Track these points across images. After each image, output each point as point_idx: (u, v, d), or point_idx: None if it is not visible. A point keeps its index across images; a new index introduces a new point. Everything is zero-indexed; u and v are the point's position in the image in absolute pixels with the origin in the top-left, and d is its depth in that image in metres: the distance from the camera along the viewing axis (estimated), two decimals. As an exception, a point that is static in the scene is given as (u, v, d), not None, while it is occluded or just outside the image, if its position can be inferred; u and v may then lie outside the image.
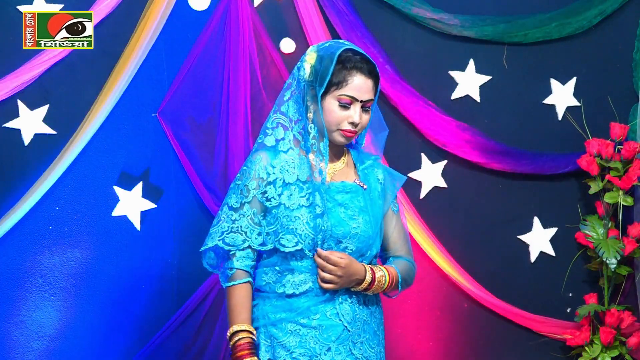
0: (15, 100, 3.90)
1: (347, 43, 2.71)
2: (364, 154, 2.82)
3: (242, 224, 2.69)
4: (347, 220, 2.67)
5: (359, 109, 2.66)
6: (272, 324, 2.67)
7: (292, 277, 2.68)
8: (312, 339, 2.65)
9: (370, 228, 2.70)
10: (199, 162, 4.00)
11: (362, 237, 2.68)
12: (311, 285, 2.66)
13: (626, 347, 4.11)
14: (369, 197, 2.73)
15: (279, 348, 2.66)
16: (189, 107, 4.00)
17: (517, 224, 4.24)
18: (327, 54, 2.66)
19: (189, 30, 4.02)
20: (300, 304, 2.66)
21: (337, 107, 2.66)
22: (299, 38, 4.07)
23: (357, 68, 2.65)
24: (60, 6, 3.91)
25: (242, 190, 2.70)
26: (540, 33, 4.18)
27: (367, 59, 2.68)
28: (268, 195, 2.68)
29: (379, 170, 2.79)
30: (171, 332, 3.99)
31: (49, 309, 3.96)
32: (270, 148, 2.73)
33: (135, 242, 4.01)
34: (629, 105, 4.24)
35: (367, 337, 2.69)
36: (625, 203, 4.12)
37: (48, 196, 3.91)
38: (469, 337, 4.19)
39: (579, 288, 4.24)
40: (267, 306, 2.70)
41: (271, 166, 2.69)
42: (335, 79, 2.65)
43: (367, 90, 2.66)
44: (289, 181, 2.67)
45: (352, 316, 2.66)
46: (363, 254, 2.70)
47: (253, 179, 2.70)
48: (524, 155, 4.18)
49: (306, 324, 2.65)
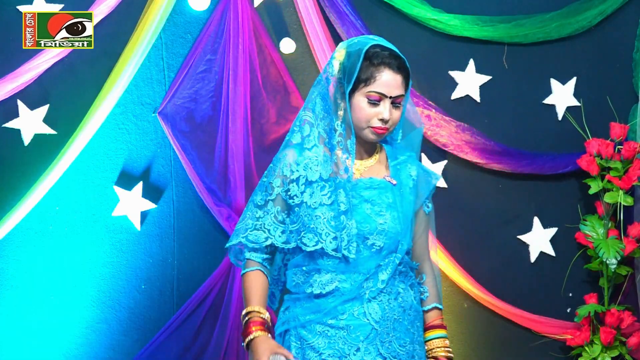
0: (15, 100, 3.91)
1: (376, 38, 2.68)
2: (399, 149, 2.78)
3: (266, 222, 2.68)
4: (374, 217, 2.64)
5: (388, 105, 2.62)
6: (302, 325, 2.67)
7: (319, 276, 2.66)
8: (340, 339, 2.63)
9: (398, 224, 2.66)
10: (199, 162, 4.00)
11: (389, 233, 2.65)
12: (337, 285, 2.64)
13: (626, 347, 4.11)
14: (399, 193, 2.70)
15: (308, 350, 2.65)
16: (189, 107, 4.00)
17: (517, 224, 4.23)
18: (354, 50, 2.64)
19: (189, 30, 4.02)
20: (327, 304, 2.64)
21: (367, 104, 2.63)
22: (299, 38, 4.07)
23: (385, 64, 2.62)
24: (60, 6, 3.91)
25: (267, 187, 2.70)
26: (541, 33, 4.18)
27: (396, 54, 2.64)
28: (291, 193, 2.67)
29: (413, 166, 2.75)
30: (171, 332, 3.99)
31: (49, 309, 3.96)
32: (297, 145, 2.70)
33: (135, 242, 4.01)
34: (629, 105, 4.24)
35: (396, 336, 2.65)
36: (625, 203, 4.11)
37: (48, 196, 3.91)
38: (469, 337, 4.19)
39: (579, 288, 4.23)
40: (297, 308, 2.69)
41: (296, 164, 2.67)
42: (363, 75, 2.62)
43: (397, 85, 2.62)
44: (311, 179, 2.65)
45: (380, 315, 2.63)
46: (393, 250, 2.67)
47: (278, 177, 2.68)
48: (524, 155, 4.18)
49: (334, 325, 2.63)
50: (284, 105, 4.06)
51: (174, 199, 4.03)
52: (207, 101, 4.01)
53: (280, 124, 4.06)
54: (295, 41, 4.07)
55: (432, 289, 2.78)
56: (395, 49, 2.66)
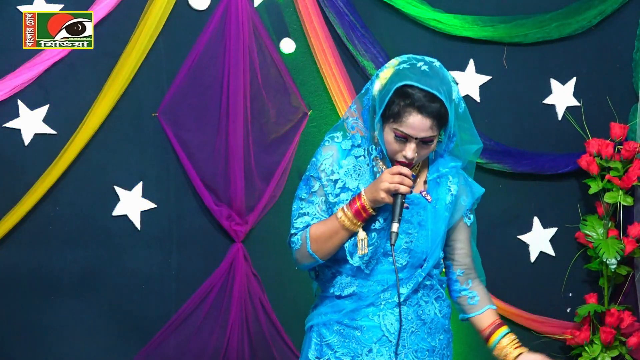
0: (15, 100, 3.90)
1: (422, 69, 2.51)
2: (445, 160, 2.68)
3: (310, 211, 2.65)
4: (401, 234, 2.59)
5: (414, 145, 2.52)
6: (323, 323, 2.67)
7: (341, 278, 2.66)
8: (354, 339, 2.63)
9: (425, 243, 2.62)
10: (199, 162, 4.00)
11: (414, 252, 2.62)
12: (355, 290, 2.64)
13: (626, 347, 4.12)
14: (433, 209, 2.64)
15: (325, 347, 2.66)
16: (189, 107, 4.00)
17: (517, 224, 4.24)
18: (389, 82, 2.52)
19: (189, 30, 4.02)
20: (346, 306, 2.64)
21: (393, 139, 2.53)
22: (299, 38, 4.07)
23: (415, 106, 2.48)
24: (60, 6, 3.91)
25: (309, 180, 2.66)
26: (541, 33, 4.18)
27: (432, 96, 2.49)
28: (327, 190, 2.64)
29: (455, 179, 2.66)
30: (171, 332, 3.99)
31: (49, 309, 3.96)
32: (342, 146, 2.65)
33: (135, 242, 4.01)
34: (629, 105, 4.24)
35: (413, 348, 2.63)
36: (625, 203, 4.12)
37: (48, 196, 3.91)
38: (469, 337, 4.19)
39: (579, 288, 4.24)
40: (323, 306, 2.69)
41: (338, 165, 2.63)
42: (392, 111, 2.51)
43: (424, 129, 2.49)
44: (349, 186, 2.62)
45: (396, 327, 2.61)
46: (418, 266, 2.64)
47: (319, 171, 2.64)
48: (524, 155, 4.18)
49: (349, 324, 2.63)
50: (284, 105, 4.06)
51: (174, 199, 4.03)
52: (207, 101, 4.01)
53: (280, 124, 4.06)
54: (295, 41, 4.07)
55: (482, 291, 2.74)
56: (433, 89, 2.49)
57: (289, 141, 4.06)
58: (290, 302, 4.06)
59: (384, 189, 2.50)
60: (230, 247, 4.03)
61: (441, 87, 2.52)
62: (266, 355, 4.04)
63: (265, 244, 4.06)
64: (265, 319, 4.03)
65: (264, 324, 4.03)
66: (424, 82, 2.50)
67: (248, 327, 4.02)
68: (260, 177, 4.05)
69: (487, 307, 2.74)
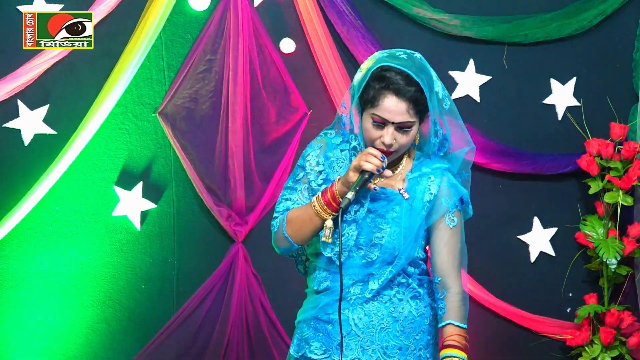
0: (15, 100, 3.91)
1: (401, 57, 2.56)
2: (430, 161, 2.69)
3: (293, 197, 2.67)
4: (373, 229, 2.61)
5: (391, 130, 2.53)
6: (304, 320, 2.69)
7: (318, 273, 2.68)
8: (325, 332, 2.64)
9: (397, 239, 2.61)
10: (199, 162, 4.00)
11: (384, 247, 2.61)
12: (328, 284, 2.65)
13: (626, 347, 4.11)
14: (409, 206, 2.63)
15: (302, 342, 2.68)
16: (189, 107, 4.00)
17: (517, 224, 4.23)
18: (367, 67, 2.56)
19: (189, 30, 4.02)
20: (321, 300, 2.66)
21: (371, 125, 2.55)
22: (299, 38, 4.07)
23: (390, 89, 2.51)
24: (60, 6, 3.91)
25: (295, 169, 2.69)
26: (541, 33, 4.18)
27: (409, 79, 2.51)
28: (310, 178, 2.66)
29: (437, 179, 2.65)
30: (171, 332, 3.99)
31: (49, 309, 3.96)
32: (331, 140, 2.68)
33: (135, 242, 4.01)
34: (629, 105, 4.24)
35: (382, 345, 2.63)
36: (625, 203, 4.12)
37: (48, 196, 3.91)
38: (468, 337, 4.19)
39: (579, 288, 4.23)
40: (306, 303, 2.72)
41: (324, 157, 2.66)
42: (369, 96, 2.54)
43: (400, 112, 2.52)
44: (331, 178, 2.64)
45: (365, 322, 2.62)
46: (389, 262, 2.63)
47: (305, 160, 2.67)
48: (524, 155, 4.18)
49: (322, 318, 2.65)
50: (284, 105, 4.06)
51: (174, 199, 4.03)
52: (207, 101, 4.01)
53: (280, 124, 4.06)
54: (295, 41, 4.07)
55: (451, 304, 2.68)
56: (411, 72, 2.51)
57: (289, 141, 4.06)
58: (290, 302, 4.04)
59: (351, 167, 2.52)
60: (230, 247, 4.03)
61: (419, 73, 2.53)
62: (266, 355, 4.04)
63: (265, 244, 4.05)
64: (265, 319, 4.03)
65: (264, 324, 4.03)
66: (400, 64, 2.53)
67: (248, 327, 4.02)
68: (260, 177, 4.05)
69: (447, 322, 2.69)
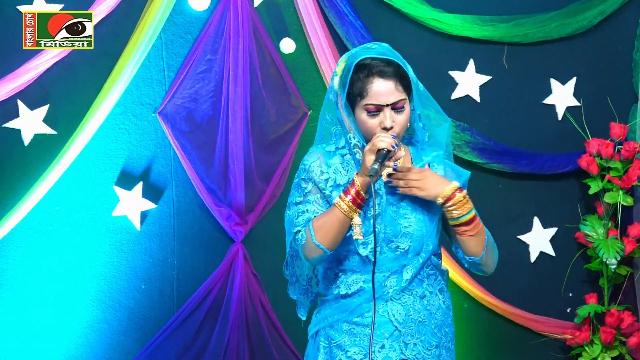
0: (15, 100, 3.91)
1: (373, 46, 2.65)
2: (426, 150, 2.75)
3: (308, 208, 2.67)
4: (398, 220, 2.64)
5: (388, 112, 2.60)
6: (330, 325, 2.68)
7: (345, 277, 2.67)
8: (365, 336, 2.63)
9: (423, 227, 2.66)
10: (198, 162, 4.00)
11: (414, 236, 2.65)
12: (362, 285, 2.65)
13: (626, 347, 4.12)
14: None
15: (335, 349, 2.66)
16: (189, 107, 4.00)
17: (517, 224, 4.24)
18: (347, 64, 2.64)
19: (189, 30, 4.02)
20: (353, 303, 2.65)
21: (367, 117, 2.61)
22: (299, 38, 4.07)
23: (373, 74, 2.60)
24: (60, 6, 3.91)
25: (300, 184, 2.69)
26: (541, 33, 4.18)
27: (387, 61, 2.61)
28: (321, 186, 2.67)
29: (440, 166, 2.72)
30: (171, 332, 3.99)
31: (49, 309, 3.96)
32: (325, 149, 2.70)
33: (135, 242, 4.01)
34: (629, 105, 4.24)
35: (421, 338, 2.65)
36: (625, 203, 4.12)
37: (48, 196, 3.91)
38: (469, 336, 4.19)
39: (579, 288, 4.24)
40: (327, 309, 2.70)
41: (326, 165, 2.67)
42: (356, 89, 2.61)
43: (390, 92, 2.60)
44: (339, 183, 2.65)
45: (404, 316, 2.63)
46: (418, 252, 2.66)
47: (309, 172, 2.68)
48: (524, 155, 4.18)
49: (359, 322, 2.64)
50: (284, 105, 4.06)
51: (174, 199, 4.03)
52: (207, 101, 4.01)
53: (280, 124, 4.07)
54: (295, 41, 4.07)
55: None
56: (387, 56, 2.62)
57: (289, 141, 4.06)
58: (290, 302, 4.02)
59: (365, 152, 2.55)
60: (230, 247, 4.03)
61: (394, 55, 2.64)
62: (266, 355, 4.04)
63: (265, 244, 4.06)
64: (265, 319, 4.04)
65: (264, 324, 4.03)
66: (374, 52, 2.63)
67: (248, 327, 4.02)
68: (260, 177, 4.05)
69: None
